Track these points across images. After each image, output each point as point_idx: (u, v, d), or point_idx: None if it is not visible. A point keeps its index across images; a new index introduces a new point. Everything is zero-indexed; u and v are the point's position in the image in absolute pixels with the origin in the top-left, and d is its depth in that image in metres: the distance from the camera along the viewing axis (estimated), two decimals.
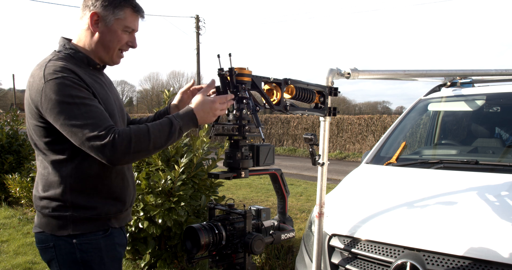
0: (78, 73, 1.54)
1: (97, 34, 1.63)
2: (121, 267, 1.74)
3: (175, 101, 1.98)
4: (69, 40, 1.69)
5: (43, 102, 1.47)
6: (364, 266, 2.00)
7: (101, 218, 1.63)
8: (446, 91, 3.36)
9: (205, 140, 3.67)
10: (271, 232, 1.81)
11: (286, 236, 1.86)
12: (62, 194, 1.57)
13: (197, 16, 24.19)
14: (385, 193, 2.44)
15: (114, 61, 1.72)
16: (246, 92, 1.68)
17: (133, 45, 1.72)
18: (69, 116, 1.44)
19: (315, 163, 2.14)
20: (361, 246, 2.04)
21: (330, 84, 2.12)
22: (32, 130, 1.58)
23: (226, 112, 1.69)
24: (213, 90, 1.79)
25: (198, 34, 24.19)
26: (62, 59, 1.57)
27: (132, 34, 1.70)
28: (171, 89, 3.86)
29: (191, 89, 1.97)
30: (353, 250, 2.06)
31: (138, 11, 1.69)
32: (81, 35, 1.66)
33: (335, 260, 2.12)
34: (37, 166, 1.65)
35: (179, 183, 3.41)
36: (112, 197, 1.67)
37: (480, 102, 3.25)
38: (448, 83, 3.39)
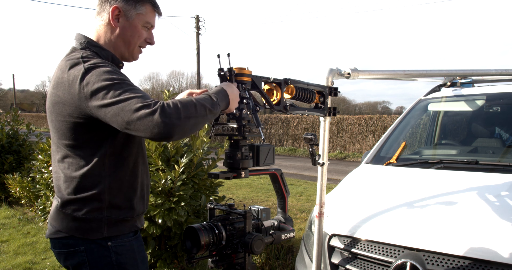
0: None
1: (118, 29, 1.59)
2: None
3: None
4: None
5: (85, 91, 1.40)
6: (364, 266, 2.00)
7: (132, 219, 1.61)
8: (446, 91, 3.36)
9: (205, 140, 3.67)
10: (271, 232, 1.81)
11: (286, 236, 1.86)
12: (100, 194, 1.52)
13: (197, 16, 24.20)
14: (385, 193, 2.44)
15: (134, 57, 1.69)
16: (246, 92, 1.68)
17: (152, 42, 1.70)
18: (113, 94, 1.37)
19: (315, 163, 2.14)
20: (361, 246, 2.04)
21: (330, 84, 2.12)
22: (66, 129, 1.49)
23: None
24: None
25: (198, 34, 24.19)
26: (92, 57, 1.52)
27: (150, 31, 1.68)
28: (171, 89, 3.86)
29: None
30: (353, 250, 2.06)
31: (157, 8, 1.68)
32: (100, 31, 1.61)
33: (335, 260, 2.12)
34: (60, 169, 1.56)
35: (179, 183, 3.41)
36: (141, 195, 1.66)
37: (480, 102, 3.25)
38: (448, 83, 3.39)
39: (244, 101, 1.65)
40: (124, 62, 1.68)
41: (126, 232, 1.59)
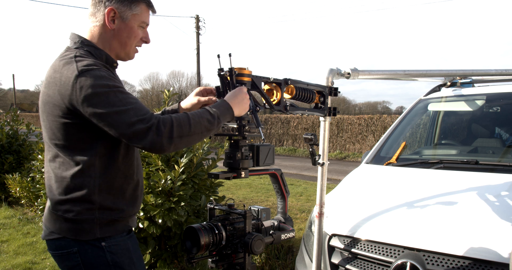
0: (107, 68, 1.52)
1: (113, 31, 1.58)
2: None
3: (187, 104, 1.85)
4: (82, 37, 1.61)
5: (78, 95, 1.39)
6: (364, 266, 2.00)
7: (124, 219, 1.60)
8: (446, 91, 3.36)
9: (205, 140, 3.67)
10: (271, 232, 1.81)
11: (286, 236, 1.86)
12: (90, 195, 1.49)
13: (197, 16, 24.20)
14: (385, 193, 2.44)
15: (130, 57, 1.68)
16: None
17: (147, 41, 1.69)
18: (109, 104, 1.38)
19: (315, 163, 2.14)
20: (361, 246, 2.04)
21: (330, 84, 2.12)
22: (56, 128, 1.48)
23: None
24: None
25: (198, 34, 24.19)
26: (86, 56, 1.51)
27: (145, 29, 1.67)
28: (171, 89, 3.86)
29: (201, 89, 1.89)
30: (353, 250, 2.06)
31: (151, 6, 1.67)
32: (95, 32, 1.59)
33: (335, 260, 2.12)
34: (51, 169, 1.55)
35: (179, 183, 3.41)
36: (134, 196, 1.64)
37: (480, 102, 3.25)
38: (448, 83, 3.39)
39: None
40: (119, 61, 1.67)
41: (119, 232, 1.58)
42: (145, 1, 1.63)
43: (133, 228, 1.71)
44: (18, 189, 6.09)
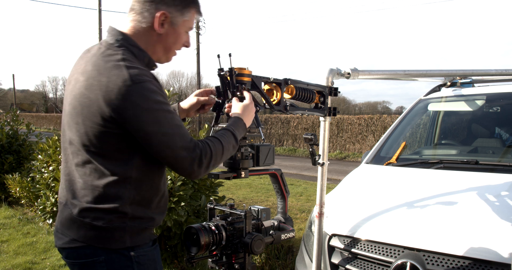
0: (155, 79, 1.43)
1: (160, 35, 1.50)
2: None
3: (186, 104, 1.83)
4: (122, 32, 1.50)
5: (129, 107, 1.32)
6: (364, 266, 2.00)
7: (152, 228, 1.54)
8: (446, 91, 3.36)
9: None
10: (271, 232, 1.81)
11: (286, 236, 1.86)
12: (123, 206, 1.41)
13: None
14: (385, 193, 2.44)
15: (169, 60, 1.62)
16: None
17: (188, 45, 1.62)
18: (157, 123, 1.34)
19: (315, 163, 2.14)
20: (361, 246, 2.04)
21: (330, 84, 2.12)
22: (93, 135, 1.38)
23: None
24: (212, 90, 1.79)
25: (198, 34, 24.19)
26: (133, 61, 1.42)
27: (188, 33, 1.60)
28: (171, 89, 3.86)
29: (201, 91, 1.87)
30: (353, 250, 2.06)
31: (200, 11, 1.59)
32: (139, 32, 1.48)
33: (335, 260, 2.12)
34: (79, 174, 1.44)
35: (179, 183, 3.41)
36: (162, 206, 1.58)
37: (480, 102, 3.25)
38: (448, 83, 3.39)
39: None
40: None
41: (147, 241, 1.51)
42: (196, 7, 1.57)
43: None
44: (18, 189, 6.08)
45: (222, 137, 1.50)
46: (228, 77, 1.65)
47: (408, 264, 1.77)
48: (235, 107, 1.63)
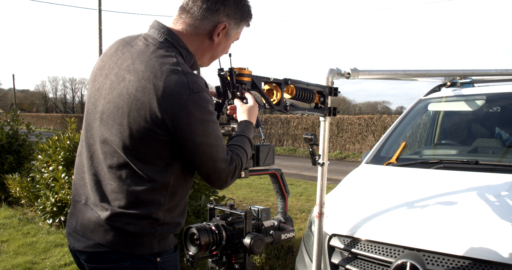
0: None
1: (214, 44, 1.49)
2: None
3: None
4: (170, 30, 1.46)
5: (184, 116, 1.29)
6: (364, 266, 2.00)
7: (175, 233, 1.52)
8: (446, 91, 3.36)
9: None
10: (271, 232, 1.81)
11: (286, 236, 1.86)
12: (156, 213, 1.39)
13: None
14: (385, 193, 2.44)
15: (208, 66, 1.63)
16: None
17: (226, 52, 1.61)
18: (206, 135, 1.34)
19: (315, 163, 2.14)
20: (361, 246, 2.04)
21: (330, 84, 2.12)
22: (139, 139, 1.33)
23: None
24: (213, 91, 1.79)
25: None
26: (183, 64, 1.39)
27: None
28: None
29: None
30: (353, 250, 2.06)
31: (249, 24, 1.60)
32: (192, 36, 1.46)
33: (335, 260, 2.12)
34: (111, 176, 1.38)
35: None
36: (183, 210, 1.56)
37: (480, 102, 3.25)
38: (448, 83, 3.39)
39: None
40: None
41: (171, 247, 1.49)
42: (251, 20, 1.57)
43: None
44: (18, 189, 6.09)
45: (244, 146, 1.52)
46: (228, 77, 1.65)
47: (408, 264, 1.77)
48: (241, 110, 1.62)
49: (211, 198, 3.67)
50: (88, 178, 1.45)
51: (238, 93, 1.65)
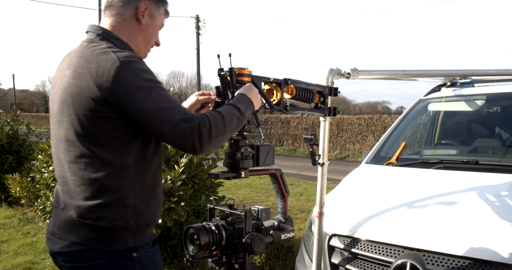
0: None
1: (142, 26, 1.55)
2: None
3: (186, 105, 1.83)
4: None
5: (120, 88, 1.32)
6: (364, 266, 2.00)
7: (152, 225, 1.52)
8: (446, 91, 3.36)
9: None
10: (271, 232, 1.81)
11: (286, 236, 1.86)
12: (125, 198, 1.39)
13: (197, 16, 24.20)
14: (385, 193, 2.44)
15: (146, 55, 1.66)
16: None
17: (159, 43, 1.68)
18: (152, 100, 1.34)
19: (315, 163, 2.14)
20: (361, 246, 2.04)
21: (330, 84, 2.12)
22: (88, 123, 1.37)
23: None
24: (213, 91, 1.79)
25: (198, 34, 24.20)
26: (112, 47, 1.43)
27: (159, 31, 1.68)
28: (171, 89, 3.86)
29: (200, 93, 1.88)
30: (353, 250, 2.06)
31: (168, 12, 1.68)
32: (120, 26, 1.52)
33: (335, 260, 2.12)
34: (73, 171, 1.41)
35: (179, 183, 3.41)
36: (160, 200, 1.57)
37: (480, 102, 3.25)
38: (448, 83, 3.39)
39: None
40: None
41: (148, 241, 1.50)
42: (166, 5, 1.64)
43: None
44: (18, 189, 6.09)
45: (221, 109, 1.49)
46: (228, 77, 1.65)
47: (408, 264, 1.77)
48: (240, 89, 1.64)
49: (211, 198, 3.67)
50: (58, 182, 1.50)
51: None
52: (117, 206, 1.40)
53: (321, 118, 2.17)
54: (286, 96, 1.88)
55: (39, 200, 5.23)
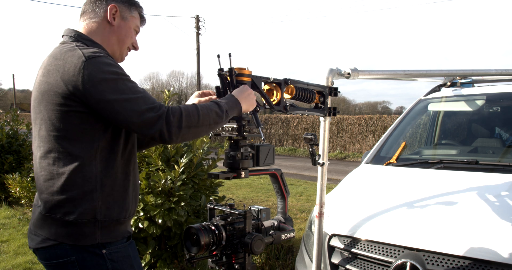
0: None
1: (113, 27, 1.60)
2: None
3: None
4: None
5: (85, 81, 1.35)
6: (364, 266, 2.00)
7: (124, 221, 1.53)
8: (446, 91, 3.36)
9: (205, 140, 3.67)
10: (271, 232, 1.81)
11: (286, 236, 1.86)
12: (92, 192, 1.42)
13: (197, 16, 24.20)
14: (385, 193, 2.44)
15: (123, 58, 1.69)
16: None
17: (137, 47, 1.72)
18: (118, 91, 1.36)
19: (315, 163, 2.14)
20: (361, 246, 2.04)
21: (330, 84, 2.12)
22: (56, 118, 1.40)
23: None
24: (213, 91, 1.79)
25: (198, 34, 24.19)
26: (81, 46, 1.48)
27: (135, 36, 1.72)
28: (171, 89, 3.85)
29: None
30: (353, 250, 2.06)
31: (143, 16, 1.73)
32: (92, 28, 1.58)
33: (335, 260, 2.12)
34: (43, 166, 1.45)
35: (179, 183, 3.41)
36: (133, 195, 1.58)
37: (480, 102, 3.25)
38: (448, 83, 3.39)
39: None
40: None
41: (119, 238, 1.51)
42: (139, 10, 1.69)
43: (131, 233, 1.65)
44: (18, 189, 6.08)
45: (202, 106, 1.49)
46: (228, 77, 1.65)
47: (408, 264, 1.77)
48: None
49: (211, 198, 3.67)
50: (35, 179, 1.54)
51: None
52: (85, 201, 1.42)
53: (321, 118, 2.17)
54: (286, 96, 1.88)
55: None
